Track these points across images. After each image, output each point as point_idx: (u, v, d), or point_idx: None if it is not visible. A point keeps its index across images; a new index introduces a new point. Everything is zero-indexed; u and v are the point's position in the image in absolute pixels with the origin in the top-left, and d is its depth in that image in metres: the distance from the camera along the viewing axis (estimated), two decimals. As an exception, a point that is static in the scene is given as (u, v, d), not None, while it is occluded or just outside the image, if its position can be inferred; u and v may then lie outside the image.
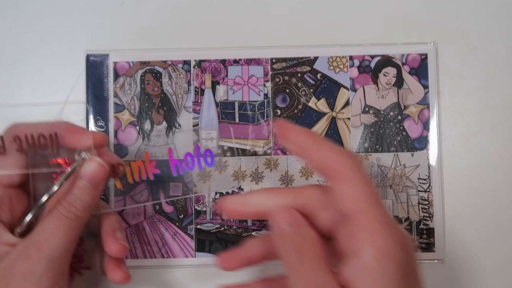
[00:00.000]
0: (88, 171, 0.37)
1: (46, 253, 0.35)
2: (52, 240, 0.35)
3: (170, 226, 0.46)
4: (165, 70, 0.47)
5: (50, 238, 0.35)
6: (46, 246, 0.35)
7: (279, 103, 0.47)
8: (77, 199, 0.36)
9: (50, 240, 0.35)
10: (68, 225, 0.36)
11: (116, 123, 0.47)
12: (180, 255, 0.46)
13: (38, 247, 0.35)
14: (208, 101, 0.47)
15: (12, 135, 0.36)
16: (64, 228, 0.36)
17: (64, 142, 0.37)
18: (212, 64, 0.47)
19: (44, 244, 0.35)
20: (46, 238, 0.35)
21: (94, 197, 0.37)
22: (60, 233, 0.35)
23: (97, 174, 0.37)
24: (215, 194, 0.47)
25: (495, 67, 0.47)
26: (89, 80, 0.47)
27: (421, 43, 0.47)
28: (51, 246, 0.35)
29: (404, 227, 0.46)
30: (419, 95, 0.47)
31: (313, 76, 0.47)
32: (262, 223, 0.47)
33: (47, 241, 0.35)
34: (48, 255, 0.35)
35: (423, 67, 0.47)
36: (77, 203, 0.36)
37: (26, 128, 0.37)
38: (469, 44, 0.48)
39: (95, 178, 0.37)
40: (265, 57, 0.47)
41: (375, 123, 0.47)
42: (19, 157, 0.37)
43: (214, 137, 0.47)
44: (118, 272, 0.39)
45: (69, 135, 0.38)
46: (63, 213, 0.36)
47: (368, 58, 0.47)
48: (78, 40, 0.47)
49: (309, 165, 0.38)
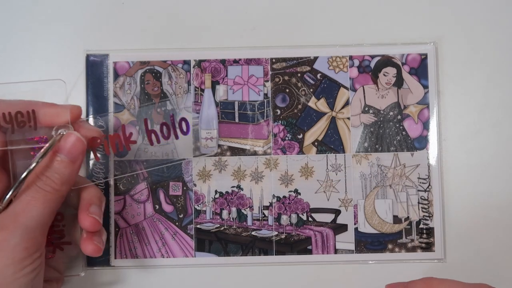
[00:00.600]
0: (66, 145, 0.38)
1: (21, 223, 0.35)
2: (28, 211, 0.36)
3: (170, 226, 0.46)
4: (165, 70, 0.47)
5: (26, 209, 0.36)
6: (22, 217, 0.36)
7: (279, 103, 0.47)
8: (54, 172, 0.37)
9: (26, 211, 0.36)
10: (44, 197, 0.37)
11: (115, 123, 0.47)
12: (180, 255, 0.46)
13: (14, 218, 0.36)
14: (208, 101, 0.47)
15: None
16: (41, 200, 0.36)
17: (40, 119, 0.38)
18: (212, 64, 0.47)
19: (20, 215, 0.36)
20: (23, 209, 0.36)
21: (72, 170, 0.38)
22: (37, 204, 0.36)
23: (75, 148, 0.38)
24: (215, 193, 0.47)
25: (495, 67, 0.47)
26: (89, 80, 0.47)
27: (421, 43, 0.47)
28: (27, 216, 0.36)
29: (404, 226, 0.46)
30: (419, 95, 0.47)
31: (313, 76, 0.47)
32: (262, 223, 0.47)
33: (23, 212, 0.36)
34: (23, 225, 0.35)
35: (423, 67, 0.47)
36: (54, 177, 0.37)
37: (3, 105, 0.37)
38: (469, 44, 0.48)
39: (73, 152, 0.38)
40: (265, 57, 0.47)
41: (375, 122, 0.47)
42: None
43: (214, 137, 0.47)
44: (90, 245, 0.40)
45: (46, 111, 0.38)
46: (41, 186, 0.37)
47: (368, 58, 0.47)
48: (78, 40, 0.47)
49: None
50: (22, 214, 0.36)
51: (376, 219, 0.46)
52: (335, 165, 0.47)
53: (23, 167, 0.37)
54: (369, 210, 0.47)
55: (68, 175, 0.38)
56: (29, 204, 0.36)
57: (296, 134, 0.47)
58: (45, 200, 0.37)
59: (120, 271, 0.46)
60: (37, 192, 0.37)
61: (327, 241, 0.46)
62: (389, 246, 0.46)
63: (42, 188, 0.37)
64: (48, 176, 0.37)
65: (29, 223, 0.36)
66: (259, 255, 0.46)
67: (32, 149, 0.39)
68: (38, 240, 0.36)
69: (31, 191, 0.37)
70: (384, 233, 0.46)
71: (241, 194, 0.47)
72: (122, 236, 0.46)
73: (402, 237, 0.46)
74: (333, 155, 0.47)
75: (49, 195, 0.37)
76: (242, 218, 0.47)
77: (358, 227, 0.46)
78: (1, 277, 0.34)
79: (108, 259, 0.46)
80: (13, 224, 0.35)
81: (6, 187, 0.38)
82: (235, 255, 0.46)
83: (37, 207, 0.36)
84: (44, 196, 0.37)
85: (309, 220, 0.47)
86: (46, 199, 0.37)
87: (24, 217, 0.36)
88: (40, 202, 0.36)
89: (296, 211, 0.47)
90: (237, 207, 0.47)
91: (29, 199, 0.36)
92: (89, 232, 0.40)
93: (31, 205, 0.36)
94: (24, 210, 0.36)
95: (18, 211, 0.36)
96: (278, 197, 0.47)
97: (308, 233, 0.46)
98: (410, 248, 0.46)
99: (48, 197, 0.37)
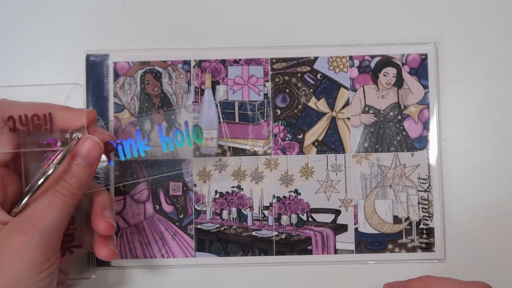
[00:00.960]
0: (84, 149, 0.38)
1: (40, 227, 0.35)
2: (46, 215, 0.36)
3: (170, 226, 0.46)
4: (165, 70, 0.47)
5: (44, 213, 0.36)
6: (40, 221, 0.35)
7: (279, 103, 0.47)
8: (72, 176, 0.37)
9: (44, 214, 0.36)
10: (62, 201, 0.36)
11: (116, 123, 0.47)
12: (180, 255, 0.46)
13: (32, 222, 0.35)
14: (208, 101, 0.47)
15: (5, 114, 0.37)
16: (59, 204, 0.36)
17: (57, 122, 0.38)
18: (212, 64, 0.47)
19: (38, 219, 0.35)
20: (41, 213, 0.36)
21: (90, 175, 0.38)
22: (55, 208, 0.36)
23: (93, 152, 0.38)
24: (215, 193, 0.47)
25: (495, 67, 0.47)
26: (89, 80, 0.47)
27: (421, 43, 0.47)
28: (45, 220, 0.35)
29: (404, 227, 0.46)
30: (419, 95, 0.47)
31: (313, 76, 0.47)
32: (262, 223, 0.47)
33: (42, 215, 0.36)
34: (41, 229, 0.35)
35: (423, 67, 0.47)
36: (72, 181, 0.37)
37: (19, 107, 0.37)
38: (469, 43, 0.48)
39: (90, 156, 0.38)
40: (265, 57, 0.47)
41: (375, 123, 0.47)
42: (12, 136, 0.38)
43: (214, 137, 0.47)
44: (104, 249, 0.40)
45: (62, 114, 0.38)
46: (58, 190, 0.36)
47: (368, 58, 0.47)
48: (78, 40, 0.47)
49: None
50: (40, 218, 0.35)
51: (376, 219, 0.47)
52: (335, 165, 0.47)
53: (36, 170, 0.37)
54: (369, 210, 0.47)
55: (85, 179, 0.38)
56: (47, 208, 0.36)
57: (296, 134, 0.47)
58: (63, 204, 0.36)
59: (120, 271, 0.46)
60: (55, 196, 0.36)
61: (327, 241, 0.46)
62: (389, 246, 0.46)
63: (60, 192, 0.36)
64: (66, 180, 0.37)
65: (47, 227, 0.35)
66: (259, 255, 0.46)
67: (45, 152, 0.39)
68: (55, 244, 0.36)
69: (49, 195, 0.36)
70: (384, 233, 0.46)
71: (241, 194, 0.47)
72: (122, 237, 0.46)
73: (402, 237, 0.46)
74: (333, 155, 0.47)
75: (67, 199, 0.37)
76: (242, 218, 0.47)
77: (358, 227, 0.46)
78: (19, 281, 0.34)
79: (108, 259, 0.46)
80: (32, 228, 0.35)
81: (17, 189, 0.38)
82: (235, 255, 0.46)
83: (55, 211, 0.36)
84: (63, 200, 0.36)
85: (309, 220, 0.47)
86: (64, 203, 0.36)
87: (42, 221, 0.35)
88: (58, 206, 0.36)
89: (296, 211, 0.47)
90: (237, 207, 0.47)
91: (47, 203, 0.36)
92: (102, 236, 0.40)
93: (49, 209, 0.36)
94: (42, 214, 0.36)
95: (36, 215, 0.35)
96: (278, 197, 0.47)
97: (308, 233, 0.46)
98: (410, 248, 0.46)
99: (66, 201, 0.37)
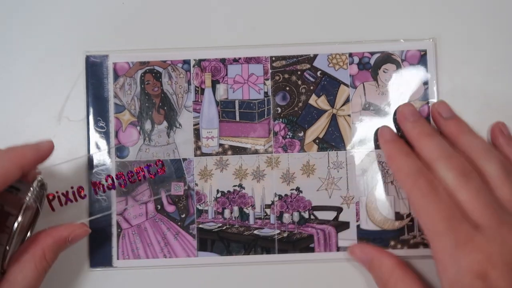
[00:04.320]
0: (80, 235, 0.43)
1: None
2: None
3: (172, 226, 0.46)
4: (165, 70, 0.47)
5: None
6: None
7: (280, 101, 0.47)
8: (53, 254, 0.41)
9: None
10: (38, 275, 0.40)
11: (116, 124, 0.47)
12: (183, 255, 0.46)
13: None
14: (209, 100, 0.47)
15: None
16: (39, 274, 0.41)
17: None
18: (211, 63, 0.47)
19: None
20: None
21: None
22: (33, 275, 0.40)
23: (81, 237, 0.43)
24: (217, 192, 0.47)
25: (494, 63, 0.47)
26: (89, 81, 0.47)
27: (420, 39, 0.47)
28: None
29: (406, 223, 0.46)
30: (419, 91, 0.47)
31: (313, 74, 0.47)
32: (264, 221, 0.47)
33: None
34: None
35: (423, 63, 0.47)
36: (52, 258, 0.42)
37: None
38: (469, 39, 0.48)
39: (78, 239, 0.43)
40: (265, 55, 0.47)
41: (375, 119, 0.47)
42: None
43: (215, 136, 0.47)
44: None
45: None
46: (38, 266, 0.40)
47: (367, 55, 0.47)
48: (78, 41, 0.47)
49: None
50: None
51: (378, 216, 0.46)
52: (336, 163, 0.47)
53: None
54: (371, 207, 0.47)
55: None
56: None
57: (297, 132, 0.47)
58: (39, 277, 0.41)
59: (122, 271, 0.46)
60: (32, 271, 0.40)
61: (329, 239, 0.46)
62: (391, 243, 0.46)
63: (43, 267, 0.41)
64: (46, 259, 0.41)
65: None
66: (262, 254, 0.46)
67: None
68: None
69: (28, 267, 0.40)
70: (386, 230, 0.46)
71: (242, 193, 0.47)
72: (124, 237, 0.46)
73: (404, 233, 0.46)
74: (334, 153, 0.47)
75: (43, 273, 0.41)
76: (244, 217, 0.47)
77: (360, 224, 0.46)
78: None
79: (111, 259, 0.46)
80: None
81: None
82: (237, 254, 0.46)
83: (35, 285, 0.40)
84: (39, 273, 0.40)
85: (311, 218, 0.47)
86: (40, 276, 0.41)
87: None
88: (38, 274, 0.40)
89: (298, 209, 0.47)
90: (239, 206, 0.47)
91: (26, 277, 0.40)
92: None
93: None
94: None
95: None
96: (280, 195, 0.47)
97: (310, 231, 0.46)
98: (413, 245, 0.46)
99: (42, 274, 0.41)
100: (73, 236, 0.42)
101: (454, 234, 0.37)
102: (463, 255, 0.37)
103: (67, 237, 0.42)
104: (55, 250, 0.41)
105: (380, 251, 0.44)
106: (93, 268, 0.46)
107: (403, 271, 0.43)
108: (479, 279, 0.36)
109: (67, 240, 0.42)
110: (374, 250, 0.44)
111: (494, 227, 0.37)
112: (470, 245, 0.37)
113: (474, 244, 0.37)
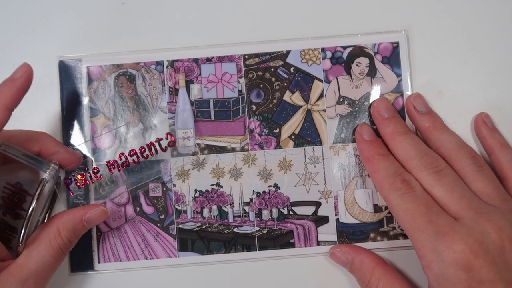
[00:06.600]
0: (96, 218, 0.43)
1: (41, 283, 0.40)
2: (45, 269, 0.41)
3: (152, 227, 0.46)
4: (138, 72, 0.47)
5: (45, 268, 0.40)
6: (40, 277, 0.40)
7: (254, 99, 0.47)
8: (72, 233, 0.42)
9: (44, 269, 0.40)
10: (59, 256, 0.41)
11: (92, 128, 0.47)
12: (163, 256, 0.46)
13: (35, 275, 0.40)
14: (183, 101, 0.47)
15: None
16: (59, 260, 0.42)
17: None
18: (185, 63, 0.47)
19: (40, 275, 0.40)
20: (43, 268, 0.40)
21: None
22: (52, 263, 0.41)
23: (100, 220, 0.43)
24: (195, 192, 0.47)
25: (467, 52, 0.48)
26: (63, 86, 0.47)
27: (392, 31, 0.47)
28: (44, 276, 0.40)
29: (384, 215, 0.47)
30: (393, 83, 0.47)
31: (287, 70, 0.47)
32: (243, 219, 0.47)
33: (42, 270, 0.40)
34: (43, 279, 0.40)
35: (395, 55, 0.47)
36: (71, 237, 0.42)
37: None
38: (440, 30, 0.48)
39: (96, 222, 0.43)
40: (238, 53, 0.47)
41: (350, 113, 0.47)
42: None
43: (191, 136, 0.47)
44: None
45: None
46: (54, 246, 0.41)
47: (340, 49, 0.47)
48: (50, 46, 0.47)
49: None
50: (42, 274, 0.40)
51: (357, 209, 0.47)
52: (313, 158, 0.47)
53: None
54: (349, 201, 0.47)
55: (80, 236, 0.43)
56: (44, 263, 0.40)
57: (273, 128, 0.47)
58: (60, 259, 0.42)
59: (104, 275, 0.46)
60: (52, 250, 0.41)
61: (309, 234, 0.47)
62: (371, 235, 0.47)
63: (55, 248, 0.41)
64: (62, 237, 0.41)
65: (44, 281, 0.41)
66: (242, 252, 0.46)
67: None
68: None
69: (43, 243, 0.41)
70: (366, 223, 0.47)
71: (221, 191, 0.47)
72: (104, 240, 0.46)
73: (383, 225, 0.47)
74: (310, 148, 0.47)
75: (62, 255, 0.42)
76: (223, 216, 0.47)
77: (339, 218, 0.47)
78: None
79: (92, 263, 0.46)
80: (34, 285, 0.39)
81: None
82: (218, 253, 0.46)
83: (51, 262, 0.41)
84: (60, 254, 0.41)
85: (290, 213, 0.47)
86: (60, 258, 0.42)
87: (43, 278, 0.40)
88: (57, 262, 0.42)
89: (276, 206, 0.47)
90: (218, 205, 0.47)
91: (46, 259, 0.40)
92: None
93: (47, 264, 0.40)
94: (44, 269, 0.40)
95: (36, 269, 0.40)
96: (258, 192, 0.47)
97: (290, 226, 0.47)
98: (392, 236, 0.47)
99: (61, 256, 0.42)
100: (90, 216, 0.42)
101: (434, 227, 0.38)
102: (445, 247, 0.37)
103: (83, 215, 0.42)
104: (70, 229, 0.41)
105: (359, 251, 0.45)
106: (73, 273, 0.46)
107: (384, 268, 0.43)
108: (463, 270, 0.36)
109: (83, 219, 0.42)
110: (354, 250, 0.45)
111: (472, 218, 0.38)
112: (451, 235, 0.37)
113: (455, 234, 0.37)
